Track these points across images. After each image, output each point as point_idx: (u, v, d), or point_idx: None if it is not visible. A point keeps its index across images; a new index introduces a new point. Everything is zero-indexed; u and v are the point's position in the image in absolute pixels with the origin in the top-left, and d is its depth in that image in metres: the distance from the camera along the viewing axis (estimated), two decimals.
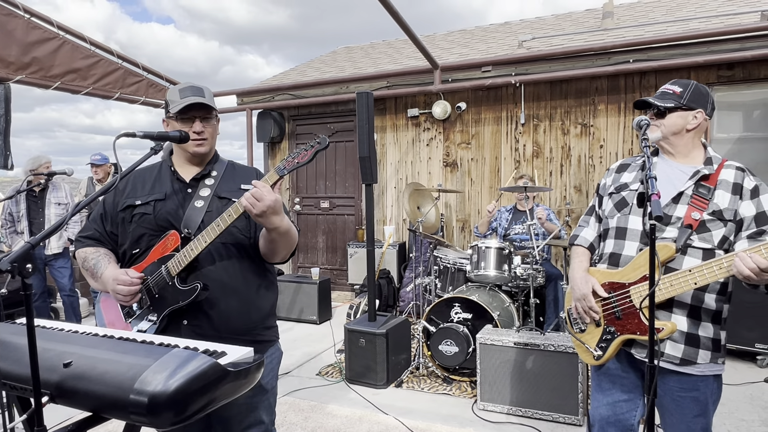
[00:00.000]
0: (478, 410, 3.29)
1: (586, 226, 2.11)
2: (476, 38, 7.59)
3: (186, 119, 1.69)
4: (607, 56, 5.06)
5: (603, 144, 5.30)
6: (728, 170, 1.87)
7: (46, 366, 1.20)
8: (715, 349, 1.81)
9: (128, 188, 1.76)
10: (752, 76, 4.70)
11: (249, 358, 1.32)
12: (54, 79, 4.99)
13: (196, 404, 1.13)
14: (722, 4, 6.07)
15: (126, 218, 1.72)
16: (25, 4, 4.68)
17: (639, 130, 1.70)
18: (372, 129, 3.78)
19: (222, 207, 1.69)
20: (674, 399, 1.85)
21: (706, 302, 1.81)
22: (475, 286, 4.14)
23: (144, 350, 1.21)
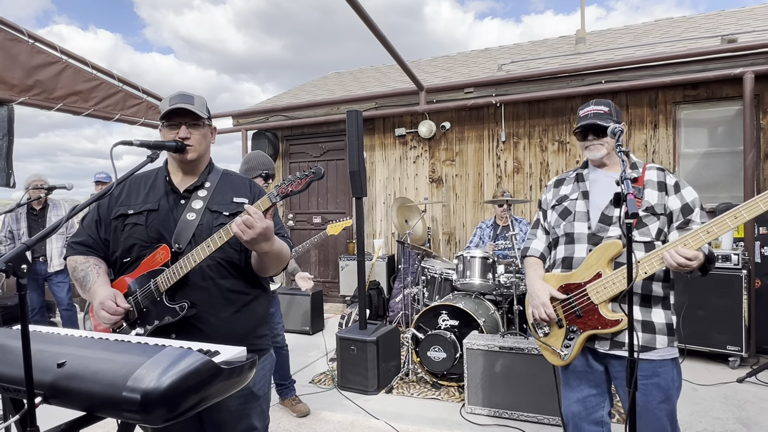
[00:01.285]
0: (466, 413, 3.24)
1: (535, 239, 2.19)
2: (458, 63, 7.69)
3: (172, 125, 1.64)
4: (581, 78, 5.14)
5: (579, 159, 5.35)
6: (651, 171, 1.99)
7: (40, 367, 1.15)
8: (670, 333, 1.87)
9: (123, 196, 1.69)
10: (715, 95, 4.79)
11: (242, 357, 1.28)
12: (56, 101, 4.94)
13: (188, 401, 1.08)
14: (685, 30, 6.22)
15: (118, 227, 1.65)
16: (30, 30, 4.66)
17: (613, 137, 1.72)
18: (361, 145, 3.78)
19: (212, 220, 1.65)
20: (638, 387, 1.84)
21: (654, 290, 1.89)
22: (461, 294, 4.12)
23: (138, 349, 1.17)
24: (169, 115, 1.64)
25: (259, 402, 1.75)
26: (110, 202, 1.69)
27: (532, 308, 2.01)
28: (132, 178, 1.71)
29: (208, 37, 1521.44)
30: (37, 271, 4.85)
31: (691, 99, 4.89)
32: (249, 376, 1.27)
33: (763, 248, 4.35)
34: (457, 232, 5.93)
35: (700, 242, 1.67)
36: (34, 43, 4.68)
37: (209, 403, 1.15)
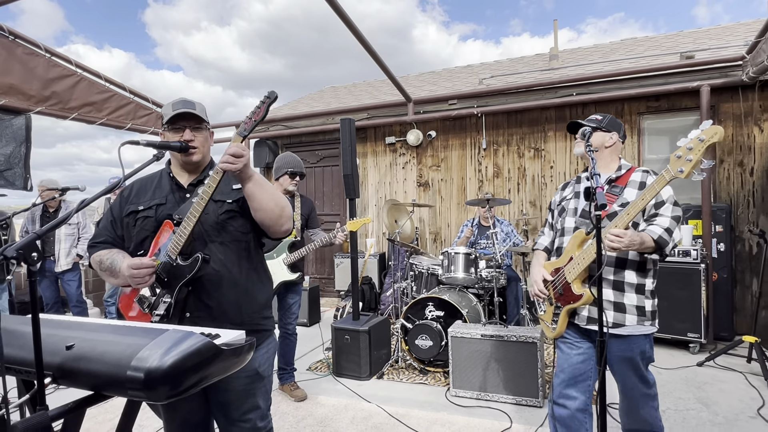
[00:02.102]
0: (451, 396, 3.22)
1: (543, 235, 2.36)
2: (443, 78, 7.71)
3: (176, 129, 1.63)
4: (555, 90, 5.17)
5: (553, 165, 5.38)
6: (637, 173, 2.09)
7: (50, 350, 1.13)
8: (640, 314, 1.99)
9: (132, 196, 1.70)
10: (675, 107, 4.84)
11: (241, 340, 1.25)
12: (71, 111, 4.89)
13: (190, 380, 1.06)
14: (648, 48, 6.29)
15: (130, 222, 1.66)
16: (47, 45, 4.60)
17: (583, 138, 1.73)
18: (354, 151, 3.76)
19: (217, 208, 1.64)
20: (613, 356, 2.03)
21: (627, 278, 2.01)
22: (446, 287, 4.11)
23: (142, 332, 1.14)
24: (173, 119, 1.63)
25: (264, 383, 1.73)
26: (122, 203, 1.69)
27: (530, 288, 2.25)
28: (140, 181, 1.72)
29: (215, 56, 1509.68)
30: (48, 269, 4.77)
31: (654, 110, 4.94)
32: (247, 358, 1.25)
33: (719, 244, 4.39)
34: (442, 231, 5.92)
35: (624, 221, 1.80)
36: (50, 57, 4.62)
37: (210, 381, 1.13)
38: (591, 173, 1.50)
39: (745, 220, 4.58)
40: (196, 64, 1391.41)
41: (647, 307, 2.01)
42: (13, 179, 4.34)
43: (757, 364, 3.56)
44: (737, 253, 4.58)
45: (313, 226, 3.39)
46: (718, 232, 4.39)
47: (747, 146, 4.61)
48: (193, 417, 1.70)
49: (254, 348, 1.30)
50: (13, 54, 4.28)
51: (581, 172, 2.29)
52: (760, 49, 3.79)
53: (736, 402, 3.03)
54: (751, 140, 4.60)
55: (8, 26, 4.23)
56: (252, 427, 1.67)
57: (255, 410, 1.69)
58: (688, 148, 1.66)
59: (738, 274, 4.57)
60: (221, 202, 1.66)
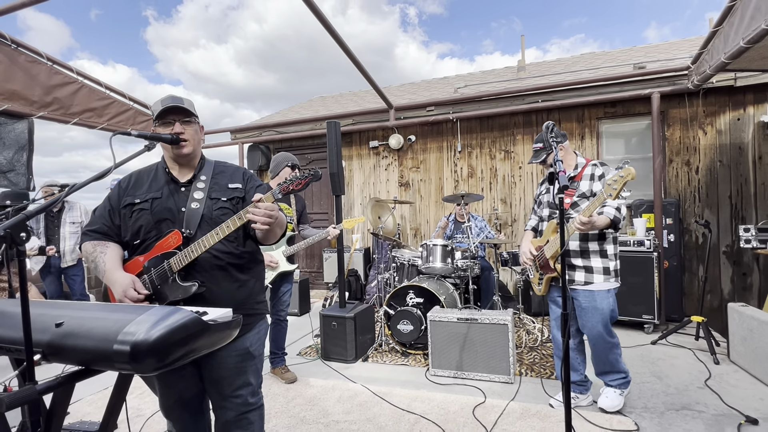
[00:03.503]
0: (430, 376, 3.20)
1: (531, 220, 2.85)
2: (422, 88, 7.71)
3: (166, 123, 1.58)
4: (522, 98, 5.20)
5: (521, 166, 5.41)
6: (588, 168, 2.53)
7: (39, 328, 1.06)
8: (606, 273, 2.44)
9: (129, 187, 1.64)
10: (630, 112, 4.91)
11: (228, 317, 1.21)
12: (73, 116, 4.73)
13: (177, 353, 1.01)
14: (605, 61, 6.38)
15: (126, 214, 1.60)
16: (49, 54, 4.46)
17: (547, 130, 1.73)
18: (339, 151, 3.72)
19: (212, 206, 1.61)
20: (582, 308, 2.49)
21: (591, 247, 2.47)
22: (425, 277, 4.09)
23: (131, 309, 1.09)
24: (162, 114, 1.57)
25: (255, 361, 1.68)
26: (120, 194, 1.63)
27: (520, 257, 2.73)
28: (137, 173, 1.67)
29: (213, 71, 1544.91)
30: (53, 264, 4.62)
31: (611, 115, 5.00)
32: (233, 334, 1.20)
33: (669, 236, 4.47)
34: (422, 227, 5.91)
35: (589, 212, 2.23)
36: (52, 65, 4.47)
37: (197, 354, 1.08)
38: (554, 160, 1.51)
39: (692, 214, 4.67)
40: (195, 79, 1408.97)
41: (611, 267, 2.44)
42: (16, 180, 4.18)
43: (704, 341, 3.62)
44: (685, 243, 4.67)
45: (303, 222, 3.35)
46: (668, 225, 4.46)
47: (693, 147, 4.71)
48: (188, 393, 1.64)
49: (241, 325, 1.25)
50: (15, 62, 4.14)
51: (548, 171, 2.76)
52: (703, 60, 3.87)
53: (685, 375, 3.07)
54: (696, 142, 4.69)
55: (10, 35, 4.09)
56: (243, 402, 1.63)
57: (246, 386, 1.64)
58: (613, 180, 2.10)
59: (686, 262, 4.65)
60: (216, 200, 1.63)
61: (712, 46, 3.60)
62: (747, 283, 4.48)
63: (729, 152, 4.58)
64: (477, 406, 2.68)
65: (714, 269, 4.58)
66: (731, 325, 3.28)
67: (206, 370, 1.61)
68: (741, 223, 4.49)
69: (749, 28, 2.80)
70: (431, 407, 2.69)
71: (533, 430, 2.37)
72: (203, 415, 1.66)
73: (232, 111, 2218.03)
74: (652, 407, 2.60)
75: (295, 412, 2.70)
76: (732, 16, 3.13)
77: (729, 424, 2.37)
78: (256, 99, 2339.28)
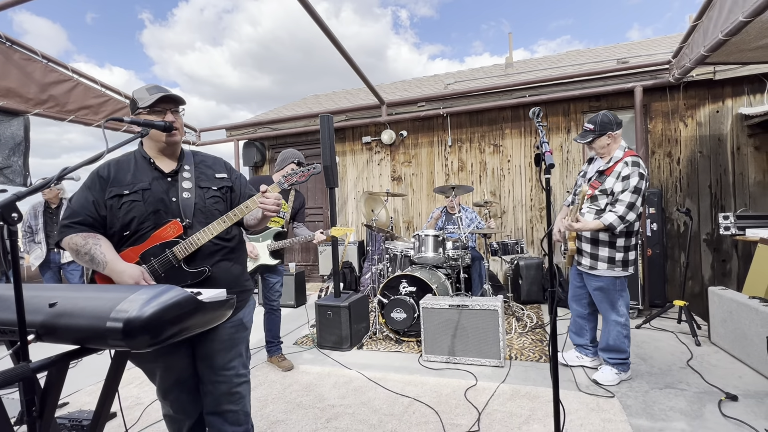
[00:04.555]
0: (423, 361, 3.20)
1: (569, 196, 2.98)
2: (413, 85, 7.69)
3: (157, 111, 1.54)
4: (510, 93, 5.20)
5: (510, 159, 5.42)
6: (620, 164, 2.52)
7: (33, 309, 1.04)
8: (610, 262, 2.55)
9: (112, 177, 1.53)
10: (614, 106, 4.93)
11: (222, 296, 1.19)
12: (69, 114, 4.66)
13: (170, 330, 0.99)
14: (589, 58, 6.40)
15: (114, 205, 1.50)
16: (44, 51, 4.37)
17: (533, 116, 1.71)
18: (333, 144, 3.70)
19: (203, 194, 1.61)
20: (592, 290, 2.69)
21: (601, 237, 2.56)
22: (418, 267, 4.08)
23: (125, 288, 1.06)
24: (155, 103, 1.53)
25: (246, 333, 1.70)
26: (102, 185, 1.52)
27: (555, 229, 2.86)
28: (115, 162, 1.58)
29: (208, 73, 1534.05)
30: (53, 260, 4.56)
31: (595, 109, 5.02)
32: (226, 314, 1.18)
33: (652, 225, 4.50)
34: (414, 220, 5.90)
35: (573, 215, 2.46)
36: (47, 63, 4.39)
37: (190, 333, 1.06)
38: (540, 142, 1.49)
39: (674, 203, 4.71)
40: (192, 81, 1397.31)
41: (617, 258, 2.53)
42: (12, 177, 4.11)
43: (686, 324, 3.66)
44: (667, 231, 4.71)
45: (299, 220, 3.29)
46: (651, 214, 4.49)
47: (674, 139, 4.74)
48: (185, 373, 1.63)
49: (235, 305, 1.24)
50: (10, 59, 4.05)
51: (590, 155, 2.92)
52: (683, 54, 3.89)
53: (668, 356, 3.10)
54: (677, 134, 4.72)
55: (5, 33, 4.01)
56: (236, 374, 1.62)
57: (238, 358, 1.65)
58: (577, 193, 2.55)
59: (668, 250, 4.70)
60: (207, 189, 1.63)
61: (692, 40, 3.62)
62: (726, 269, 4.53)
63: (709, 143, 4.61)
64: (469, 388, 2.68)
65: (695, 256, 4.63)
66: (712, 308, 3.31)
67: (200, 346, 1.60)
68: (720, 211, 4.54)
69: (727, 21, 2.82)
70: (424, 391, 2.69)
71: (523, 409, 2.37)
72: (199, 396, 1.64)
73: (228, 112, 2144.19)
74: (637, 387, 2.62)
75: (292, 398, 2.69)
76: (711, 10, 3.14)
77: (710, 401, 2.40)
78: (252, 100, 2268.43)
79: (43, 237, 4.59)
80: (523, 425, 2.20)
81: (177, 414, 1.65)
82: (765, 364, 2.66)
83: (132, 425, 2.42)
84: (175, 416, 1.66)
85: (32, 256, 4.62)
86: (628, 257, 2.51)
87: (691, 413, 2.28)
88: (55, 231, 4.64)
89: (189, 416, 1.66)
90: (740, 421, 2.17)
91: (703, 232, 4.62)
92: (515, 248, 4.46)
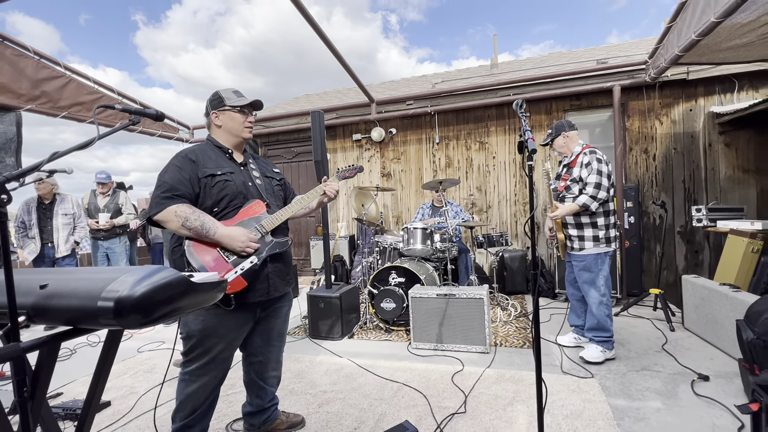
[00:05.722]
0: (412, 349, 3.21)
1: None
2: (402, 85, 7.68)
3: (246, 112, 1.79)
4: (495, 92, 5.23)
5: (495, 156, 5.45)
6: (581, 156, 2.83)
7: (24, 291, 1.02)
8: (596, 240, 2.78)
9: (199, 160, 1.68)
10: (593, 104, 4.99)
11: (214, 279, 1.17)
12: (61, 110, 4.56)
13: (162, 310, 0.98)
14: (571, 59, 6.46)
15: (208, 183, 1.66)
16: (35, 47, 4.26)
17: (517, 107, 1.72)
18: (324, 139, 3.67)
19: (271, 183, 1.89)
20: (578, 270, 2.85)
21: (582, 220, 2.81)
22: (407, 259, 4.09)
23: (117, 270, 1.04)
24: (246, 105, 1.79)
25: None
26: (192, 166, 1.66)
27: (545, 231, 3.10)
28: (199, 150, 1.72)
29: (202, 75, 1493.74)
30: (47, 255, 4.46)
31: (576, 107, 5.07)
32: (217, 296, 1.17)
33: (630, 218, 4.57)
34: (403, 215, 5.91)
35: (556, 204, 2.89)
36: (39, 59, 4.29)
37: (182, 313, 1.05)
38: (523, 131, 1.49)
39: (650, 197, 4.79)
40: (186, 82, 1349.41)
41: (600, 236, 2.76)
42: (4, 171, 4.00)
43: (661, 311, 3.73)
44: (644, 224, 4.78)
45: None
46: (628, 207, 4.56)
47: (650, 137, 4.81)
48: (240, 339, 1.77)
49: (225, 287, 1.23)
50: (1, 55, 3.95)
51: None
52: (659, 54, 3.94)
53: (644, 341, 3.15)
54: (653, 131, 4.80)
55: None
56: (282, 345, 1.98)
57: (285, 334, 2.01)
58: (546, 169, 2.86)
59: (645, 242, 4.77)
60: (271, 179, 1.91)
61: (667, 40, 3.67)
62: (699, 260, 4.63)
63: (682, 140, 4.70)
64: (456, 373, 2.69)
65: (669, 248, 4.71)
66: (685, 295, 3.37)
67: (266, 322, 1.86)
68: (693, 204, 4.62)
69: (700, 22, 2.86)
70: (413, 376, 2.70)
71: (507, 392, 2.40)
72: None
73: None
74: (615, 369, 2.66)
75: (284, 384, 2.67)
76: (684, 12, 3.19)
77: (683, 381, 2.44)
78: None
79: (37, 232, 4.49)
80: (508, 406, 2.22)
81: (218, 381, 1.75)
82: (735, 346, 2.72)
83: (127, 413, 2.38)
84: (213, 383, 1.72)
85: (26, 251, 4.51)
86: (610, 234, 2.76)
87: (666, 393, 2.32)
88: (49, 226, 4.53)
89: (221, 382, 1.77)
90: (711, 399, 2.22)
91: (677, 225, 4.70)
92: (500, 241, 4.49)
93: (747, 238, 3.45)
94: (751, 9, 2.67)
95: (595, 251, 2.76)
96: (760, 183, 4.44)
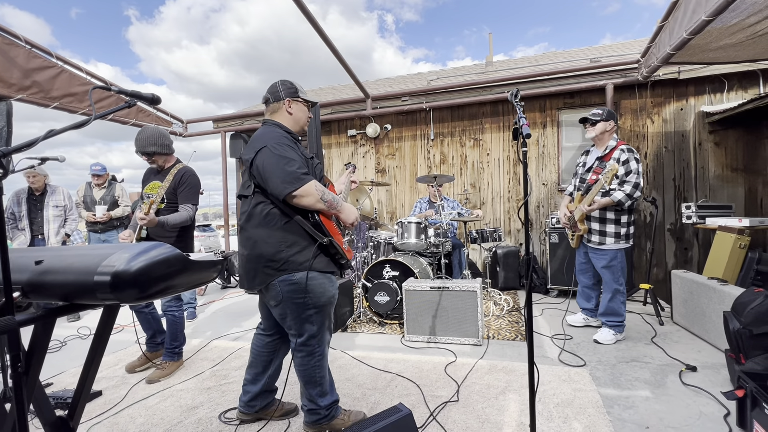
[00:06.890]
0: (405, 341, 3.22)
1: (569, 186, 3.34)
2: (397, 82, 7.69)
3: (310, 107, 1.99)
4: (490, 89, 5.26)
5: (489, 152, 5.48)
6: (617, 151, 2.93)
7: (19, 268, 1.01)
8: (617, 237, 2.92)
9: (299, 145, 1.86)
10: (587, 102, 5.04)
11: (211, 258, 1.17)
12: (53, 100, 4.51)
13: (158, 285, 0.98)
14: (565, 59, 6.52)
15: (311, 164, 1.84)
16: (27, 37, 4.21)
17: (512, 97, 1.73)
18: (319, 133, 3.67)
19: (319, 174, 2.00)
20: (599, 266, 3.02)
21: (608, 216, 2.93)
22: (401, 253, 4.10)
23: (113, 246, 1.04)
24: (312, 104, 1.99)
25: None
26: (298, 150, 1.81)
27: (559, 216, 3.29)
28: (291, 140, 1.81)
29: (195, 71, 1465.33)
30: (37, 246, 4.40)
31: (570, 105, 5.12)
32: (214, 275, 1.17)
33: None
34: (398, 211, 5.92)
35: (590, 198, 2.93)
36: (31, 48, 4.23)
37: (179, 290, 1.05)
38: (519, 118, 1.51)
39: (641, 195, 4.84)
40: (179, 79, 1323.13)
41: (621, 233, 2.91)
42: None
43: (651, 306, 3.78)
44: (635, 221, 4.84)
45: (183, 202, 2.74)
46: None
47: (642, 135, 4.87)
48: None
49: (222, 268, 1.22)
50: None
51: (590, 147, 3.25)
52: (651, 53, 4.00)
53: (634, 334, 3.20)
54: (645, 130, 4.86)
55: None
56: None
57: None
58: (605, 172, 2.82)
59: (636, 239, 4.83)
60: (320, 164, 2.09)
61: (659, 39, 3.72)
62: (688, 257, 4.70)
63: (673, 139, 4.76)
64: (449, 364, 2.71)
65: (659, 244, 4.78)
66: (674, 290, 3.43)
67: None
68: (683, 202, 4.69)
69: (691, 21, 2.91)
70: (406, 367, 2.71)
71: (499, 382, 2.42)
72: None
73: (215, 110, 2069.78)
74: (605, 361, 2.70)
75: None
76: (676, 11, 3.23)
77: (671, 372, 2.49)
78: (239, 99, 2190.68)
79: (27, 224, 4.43)
80: (500, 395, 2.25)
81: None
82: (722, 339, 2.77)
83: (119, 401, 2.37)
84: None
85: (15, 243, 4.45)
86: (630, 231, 2.92)
87: (655, 383, 2.36)
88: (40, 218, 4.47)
89: None
90: (699, 388, 2.26)
91: (667, 222, 4.77)
92: (493, 236, 4.52)
93: (735, 235, 3.52)
94: (740, 8, 2.72)
95: (616, 247, 2.91)
96: (747, 181, 4.52)
